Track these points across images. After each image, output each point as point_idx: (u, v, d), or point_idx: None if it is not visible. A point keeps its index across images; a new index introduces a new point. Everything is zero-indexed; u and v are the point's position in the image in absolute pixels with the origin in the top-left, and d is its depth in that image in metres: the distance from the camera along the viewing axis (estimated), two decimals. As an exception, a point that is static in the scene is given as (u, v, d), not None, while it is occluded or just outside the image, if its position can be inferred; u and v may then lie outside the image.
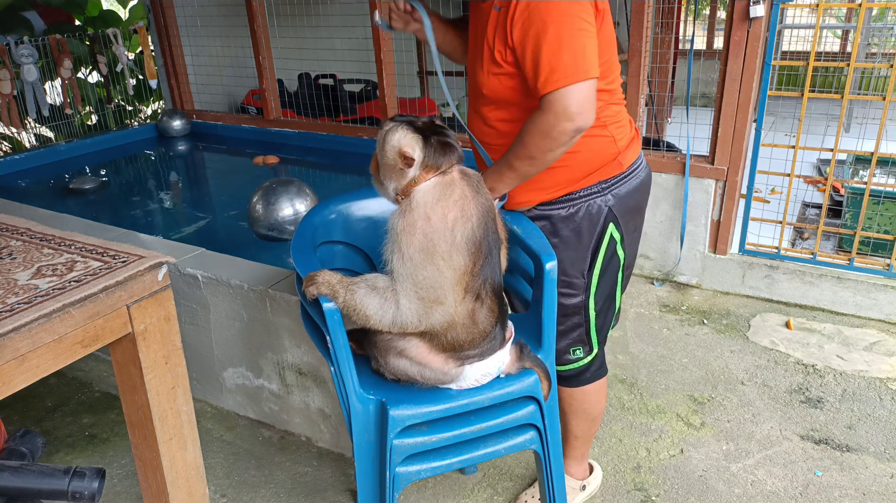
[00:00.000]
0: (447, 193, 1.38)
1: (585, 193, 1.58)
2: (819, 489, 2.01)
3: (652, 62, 4.11)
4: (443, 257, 1.35)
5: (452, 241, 1.35)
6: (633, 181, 1.63)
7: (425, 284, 1.36)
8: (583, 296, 1.65)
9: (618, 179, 1.60)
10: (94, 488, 1.09)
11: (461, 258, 1.36)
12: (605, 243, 1.61)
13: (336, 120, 4.98)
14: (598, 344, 1.73)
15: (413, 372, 1.48)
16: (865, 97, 3.39)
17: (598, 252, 1.62)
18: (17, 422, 2.41)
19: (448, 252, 1.35)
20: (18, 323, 1.04)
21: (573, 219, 1.59)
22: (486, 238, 1.40)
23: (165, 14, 4.70)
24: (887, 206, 3.02)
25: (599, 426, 1.97)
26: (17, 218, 1.48)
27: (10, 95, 4.32)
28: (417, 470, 1.53)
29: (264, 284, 2.11)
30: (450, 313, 1.39)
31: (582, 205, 1.58)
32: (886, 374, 2.53)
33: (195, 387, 2.48)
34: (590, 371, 1.76)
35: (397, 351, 1.47)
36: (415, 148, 1.37)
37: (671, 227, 3.22)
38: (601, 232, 1.60)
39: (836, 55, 7.56)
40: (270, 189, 2.66)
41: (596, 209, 1.59)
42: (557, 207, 1.60)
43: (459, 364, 1.47)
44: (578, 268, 1.62)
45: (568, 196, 1.59)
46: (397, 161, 1.38)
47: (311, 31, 5.03)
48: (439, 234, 1.35)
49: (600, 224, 1.60)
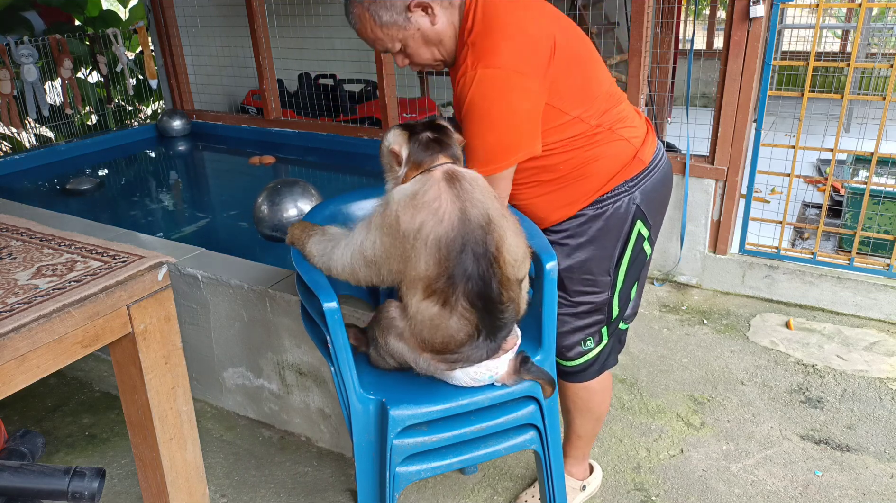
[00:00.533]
0: (421, 193, 1.34)
1: (613, 194, 1.60)
2: (819, 489, 2.01)
3: (652, 62, 4.11)
4: (401, 256, 1.35)
5: (414, 244, 1.33)
6: (657, 174, 1.65)
7: (369, 257, 1.39)
8: (608, 293, 1.66)
9: (642, 176, 1.62)
10: (94, 488, 1.09)
11: (422, 261, 1.33)
12: (632, 240, 1.63)
13: (336, 120, 4.98)
14: (608, 335, 1.74)
15: (410, 358, 1.47)
16: (865, 97, 3.39)
17: (626, 249, 1.64)
18: (17, 422, 2.41)
19: (407, 251, 1.34)
20: (18, 323, 1.04)
21: (601, 218, 1.61)
22: (463, 245, 1.32)
23: (165, 14, 4.70)
24: (887, 206, 3.02)
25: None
26: (17, 218, 1.48)
27: (10, 95, 4.32)
28: (417, 470, 1.53)
29: (264, 284, 2.11)
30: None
31: (610, 205, 1.60)
32: (886, 374, 2.53)
33: (195, 387, 2.48)
34: (597, 363, 1.75)
35: (398, 332, 1.45)
36: (401, 145, 1.39)
37: (671, 227, 3.22)
38: (629, 229, 1.62)
39: (836, 55, 7.56)
40: (275, 190, 2.66)
41: (624, 208, 1.60)
42: (586, 209, 1.62)
43: (448, 367, 1.45)
44: (605, 266, 1.63)
45: (596, 200, 1.60)
46: (391, 160, 1.42)
47: (311, 31, 5.03)
48: (405, 233, 1.34)
49: (628, 222, 1.61)
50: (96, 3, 5.99)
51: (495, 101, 1.43)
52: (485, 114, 1.44)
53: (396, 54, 1.56)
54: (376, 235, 1.38)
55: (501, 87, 1.42)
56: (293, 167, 4.45)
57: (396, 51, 1.54)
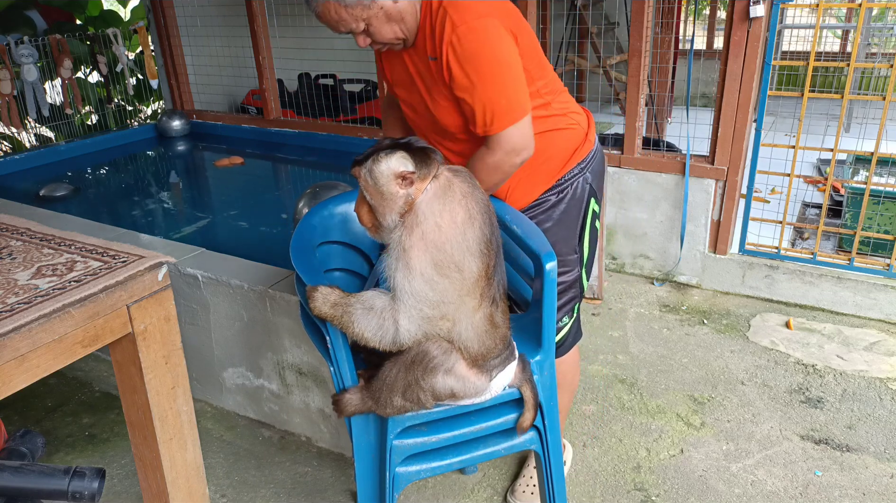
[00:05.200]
0: (449, 195, 1.32)
1: (570, 176, 1.72)
2: (819, 489, 2.01)
3: (652, 62, 4.11)
4: (458, 267, 1.30)
5: (466, 247, 1.31)
6: (599, 154, 1.80)
7: (433, 300, 1.31)
8: (577, 269, 1.77)
9: (591, 156, 1.75)
10: (94, 488, 1.09)
11: (475, 262, 1.31)
12: (588, 218, 1.76)
13: (336, 120, 4.98)
14: (577, 309, 1.85)
15: (456, 388, 1.42)
16: (865, 97, 3.39)
17: (585, 226, 1.76)
18: (17, 422, 2.41)
19: (461, 260, 1.30)
20: (18, 323, 1.04)
21: (563, 201, 1.72)
22: (493, 236, 1.36)
23: (165, 14, 4.70)
24: (887, 206, 3.02)
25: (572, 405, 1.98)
26: (17, 218, 1.48)
27: (10, 95, 4.32)
28: (417, 470, 1.53)
29: (264, 284, 2.11)
30: (456, 328, 1.36)
31: (569, 188, 1.72)
32: (886, 374, 2.53)
33: (195, 387, 2.48)
34: (570, 337, 1.85)
35: (447, 367, 1.39)
36: (406, 163, 1.30)
37: (671, 227, 3.22)
38: (585, 208, 1.75)
39: (836, 55, 7.55)
40: (315, 194, 2.67)
41: (580, 188, 1.73)
42: (549, 195, 1.72)
43: (488, 378, 1.45)
44: (571, 245, 1.75)
45: (557, 183, 1.71)
46: (396, 186, 1.31)
47: (311, 31, 5.01)
48: (452, 242, 1.29)
49: (585, 200, 1.74)
50: (97, 3, 6.00)
51: (496, 47, 1.48)
52: (494, 61, 1.48)
53: (359, 34, 1.56)
54: (423, 266, 1.29)
55: (500, 34, 1.48)
56: (293, 167, 4.45)
57: (360, 31, 1.54)
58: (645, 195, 3.23)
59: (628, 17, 4.03)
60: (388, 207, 1.33)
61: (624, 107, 3.24)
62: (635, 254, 3.37)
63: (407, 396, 1.41)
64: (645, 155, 3.20)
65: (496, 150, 1.53)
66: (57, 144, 4.57)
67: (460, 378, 1.41)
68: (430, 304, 1.32)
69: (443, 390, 1.41)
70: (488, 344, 1.41)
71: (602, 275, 3.15)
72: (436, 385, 1.40)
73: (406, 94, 1.70)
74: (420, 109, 1.68)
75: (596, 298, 3.14)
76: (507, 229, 1.63)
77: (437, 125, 1.65)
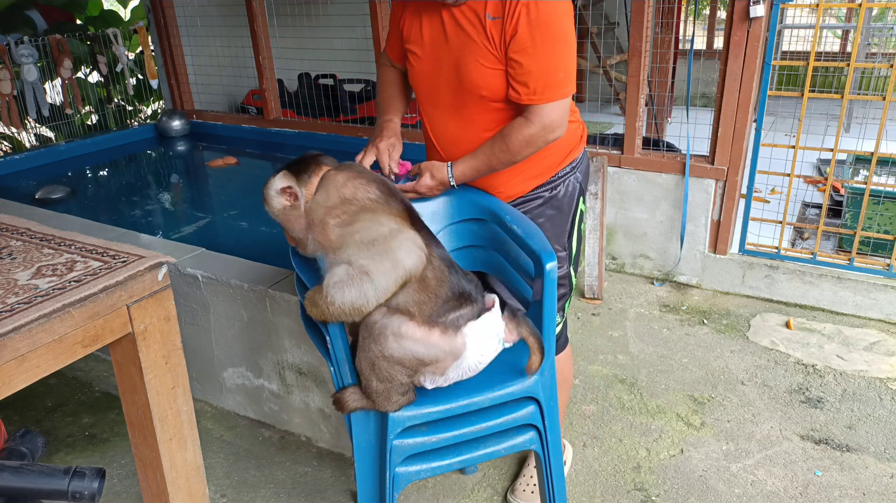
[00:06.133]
0: (330, 182, 1.41)
1: (563, 174, 1.75)
2: (819, 489, 2.01)
3: (652, 62, 4.11)
4: (373, 221, 1.37)
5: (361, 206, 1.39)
6: (586, 156, 1.86)
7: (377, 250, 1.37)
8: (567, 265, 1.81)
9: (581, 157, 1.80)
10: (94, 488, 1.09)
11: (386, 211, 1.39)
12: (577, 216, 1.80)
13: (336, 120, 4.97)
14: (569, 304, 1.89)
15: (419, 351, 1.39)
16: (865, 97, 3.39)
17: (575, 222, 1.80)
18: (17, 422, 2.41)
19: (374, 214, 1.38)
20: (18, 323, 1.04)
21: (556, 198, 1.75)
22: (395, 193, 1.44)
23: (165, 14, 4.70)
24: (887, 206, 3.02)
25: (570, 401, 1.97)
26: (17, 218, 1.48)
27: (10, 95, 4.31)
28: (417, 470, 1.53)
29: (264, 284, 2.11)
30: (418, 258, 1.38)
31: (561, 185, 1.75)
32: (886, 374, 2.53)
33: (195, 387, 2.48)
34: (564, 332, 1.87)
35: (394, 331, 1.38)
36: (284, 179, 1.43)
37: (671, 227, 3.22)
38: (576, 206, 1.79)
39: (836, 55, 7.55)
40: None
41: (571, 187, 1.77)
42: (542, 190, 1.75)
43: (454, 333, 1.40)
44: (561, 241, 1.78)
45: (551, 179, 1.74)
46: (285, 203, 1.43)
47: (311, 31, 5.02)
48: (343, 208, 1.38)
49: (575, 199, 1.78)
50: (97, 3, 5.99)
51: (567, 22, 1.51)
52: (562, 34, 1.50)
53: None
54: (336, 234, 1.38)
55: (570, 12, 1.52)
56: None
57: None
58: (645, 195, 3.23)
59: (628, 17, 4.03)
60: (290, 222, 1.45)
61: (624, 107, 3.25)
62: (635, 254, 3.37)
63: (378, 376, 1.42)
64: (645, 155, 3.20)
65: (535, 122, 1.54)
66: (57, 144, 4.56)
67: (417, 340, 1.38)
68: (378, 254, 1.37)
69: (405, 356, 1.39)
70: (421, 297, 1.39)
71: (602, 275, 3.15)
72: (394, 352, 1.38)
73: (428, 51, 1.65)
74: (445, 66, 1.62)
75: (596, 298, 3.14)
76: (508, 229, 1.63)
77: (461, 84, 1.60)
